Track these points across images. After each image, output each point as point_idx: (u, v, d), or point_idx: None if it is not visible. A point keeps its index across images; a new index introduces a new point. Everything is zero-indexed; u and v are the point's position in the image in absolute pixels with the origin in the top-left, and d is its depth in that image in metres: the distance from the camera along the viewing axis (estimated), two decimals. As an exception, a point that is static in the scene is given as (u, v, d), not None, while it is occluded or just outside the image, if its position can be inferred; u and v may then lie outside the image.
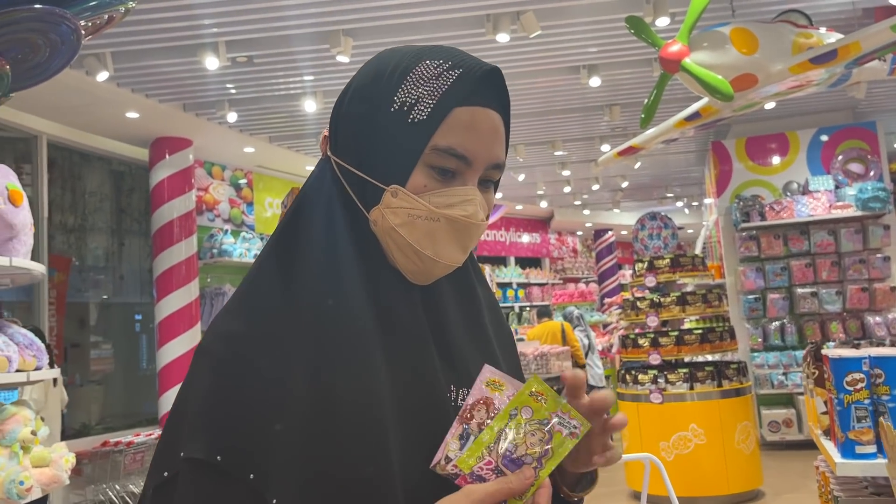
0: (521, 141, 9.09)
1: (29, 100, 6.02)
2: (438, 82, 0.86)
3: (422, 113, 0.85)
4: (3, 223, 2.50)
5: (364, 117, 0.88)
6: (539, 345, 7.97)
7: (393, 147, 0.86)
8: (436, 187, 0.87)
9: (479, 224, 0.89)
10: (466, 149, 0.87)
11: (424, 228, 0.86)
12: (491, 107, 0.89)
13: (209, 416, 0.79)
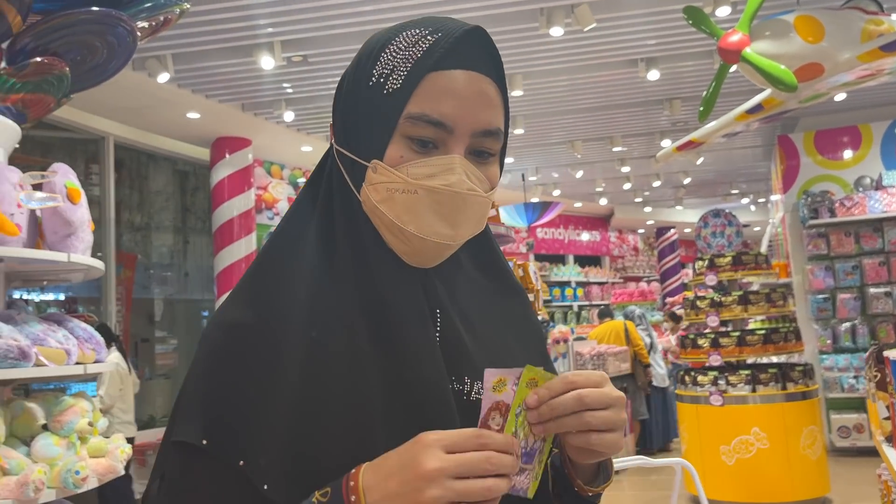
0: (578, 136, 8.96)
1: (96, 102, 6.23)
2: (413, 50, 0.81)
3: (396, 82, 0.81)
4: (62, 220, 2.57)
5: (350, 95, 0.86)
6: (596, 344, 7.84)
7: (371, 121, 0.83)
8: (414, 158, 0.81)
9: (463, 194, 0.81)
10: (442, 114, 0.80)
11: (404, 202, 0.81)
12: (473, 69, 0.82)
13: (199, 402, 0.78)
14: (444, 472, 0.68)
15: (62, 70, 2.74)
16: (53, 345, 2.50)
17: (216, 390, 0.78)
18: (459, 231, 0.83)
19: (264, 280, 0.84)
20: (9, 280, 2.79)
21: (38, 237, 2.63)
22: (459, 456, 0.69)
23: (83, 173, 7.91)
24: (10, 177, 2.51)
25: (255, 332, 0.80)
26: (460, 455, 0.69)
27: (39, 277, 3.04)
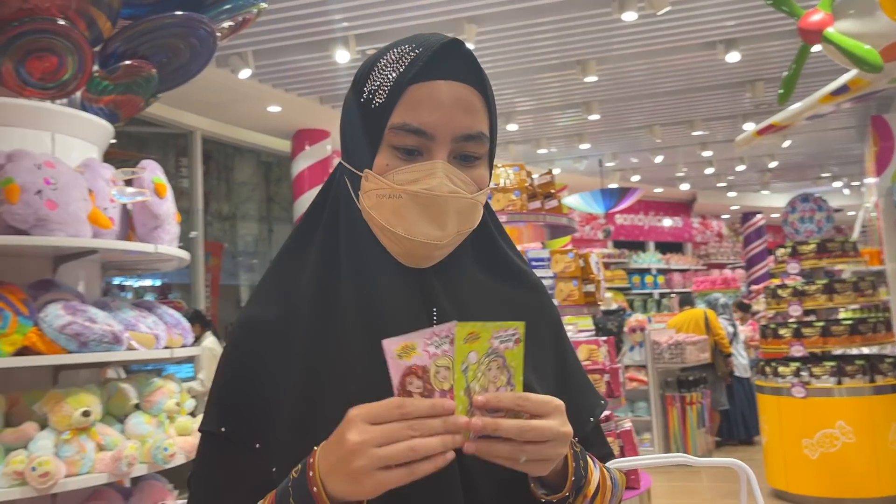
0: (657, 121, 8.78)
1: (184, 98, 6.53)
2: (397, 66, 0.87)
3: (381, 97, 0.87)
4: (149, 213, 2.74)
5: (345, 114, 0.93)
6: (674, 333, 7.70)
7: (362, 135, 0.89)
8: (399, 165, 0.87)
9: (444, 196, 0.86)
10: (422, 122, 0.85)
11: (391, 207, 0.87)
12: (452, 78, 0.87)
13: (220, 393, 0.89)
14: (368, 444, 0.72)
15: (150, 72, 2.91)
16: (144, 330, 2.67)
17: (233, 382, 0.88)
18: (447, 231, 0.88)
19: (276, 282, 0.93)
20: (104, 269, 3.00)
21: (129, 229, 2.81)
22: (382, 427, 0.72)
23: (174, 166, 8.31)
24: (103, 173, 2.69)
25: (266, 327, 0.89)
26: (383, 426, 0.73)
27: (132, 267, 3.25)
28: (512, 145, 9.78)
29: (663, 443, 7.37)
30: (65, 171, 2.45)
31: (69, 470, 2.25)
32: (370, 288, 0.89)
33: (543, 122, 9.09)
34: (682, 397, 7.31)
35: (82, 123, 2.81)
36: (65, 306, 2.38)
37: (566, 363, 1.02)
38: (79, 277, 2.77)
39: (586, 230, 14.79)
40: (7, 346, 2.22)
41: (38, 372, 2.50)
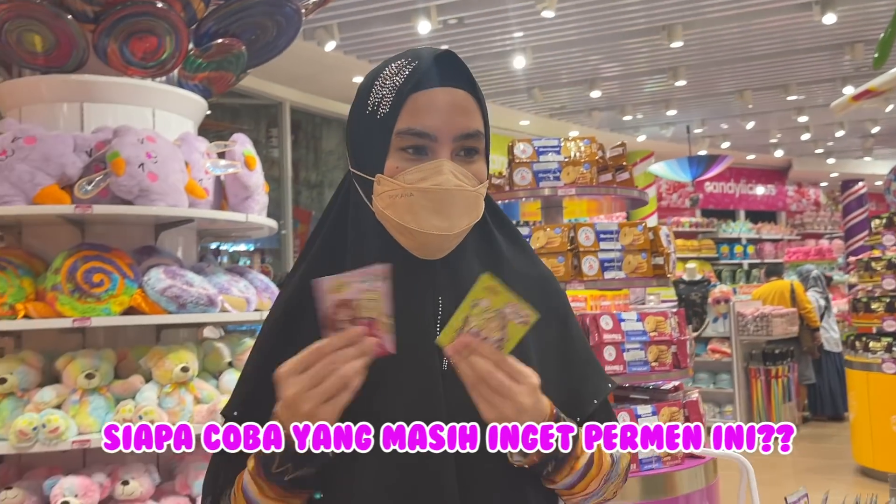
0: (748, 86, 8.47)
1: (273, 71, 6.75)
2: (397, 78, 0.96)
3: (384, 108, 0.96)
4: (240, 185, 2.91)
5: (352, 126, 1.03)
6: (761, 305, 7.52)
7: (370, 143, 0.98)
8: (408, 167, 0.96)
9: (451, 190, 0.95)
10: (425, 125, 0.95)
11: (404, 205, 0.96)
12: (447, 84, 0.97)
13: (241, 382, 1.05)
14: (303, 391, 0.85)
15: (240, 49, 3.07)
16: (236, 293, 2.86)
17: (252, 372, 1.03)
18: (454, 222, 0.96)
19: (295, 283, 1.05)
20: (200, 236, 3.21)
21: (222, 199, 3.00)
22: (308, 372, 0.85)
23: (264, 136, 8.62)
24: (198, 146, 2.88)
25: (287, 326, 1.02)
26: (309, 371, 0.85)
27: (225, 234, 3.46)
28: (596, 112, 9.64)
29: (746, 415, 7.25)
30: (164, 145, 2.64)
31: (170, 419, 2.47)
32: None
33: (629, 89, 8.91)
34: (766, 370, 7.15)
35: (179, 99, 3.00)
36: (165, 271, 2.58)
37: (570, 348, 1.08)
38: (177, 244, 2.98)
39: (673, 198, 14.45)
40: (116, 306, 2.44)
41: (143, 330, 2.73)
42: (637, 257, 2.71)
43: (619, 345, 2.59)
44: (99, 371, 2.43)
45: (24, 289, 2.43)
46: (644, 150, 12.46)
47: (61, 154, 2.50)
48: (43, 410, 2.34)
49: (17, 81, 2.82)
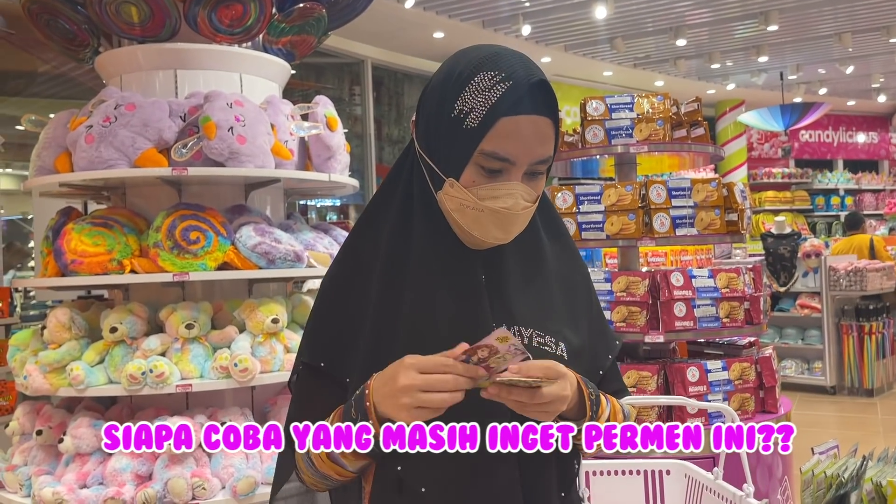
0: (847, 28, 8.00)
1: (354, 29, 6.84)
2: (490, 94, 1.01)
3: (474, 121, 1.02)
4: (323, 145, 3.03)
5: (433, 116, 1.08)
6: (855, 259, 7.22)
7: (451, 147, 1.05)
8: (483, 182, 1.04)
9: (517, 214, 1.05)
10: (509, 152, 1.02)
11: (472, 216, 1.05)
12: (536, 112, 1.02)
13: (316, 332, 1.14)
14: (413, 387, 0.95)
15: (321, 13, 3.16)
16: (321, 249, 3.00)
17: (326, 324, 1.13)
18: (511, 235, 1.09)
19: (356, 245, 1.15)
20: (287, 195, 3.37)
21: (306, 160, 3.13)
22: (427, 376, 0.95)
23: (347, 94, 8.77)
24: (283, 109, 3.00)
25: (347, 283, 1.13)
26: (428, 376, 0.95)
27: (311, 192, 3.61)
28: (682, 60, 9.33)
29: (837, 372, 7.05)
30: (251, 109, 2.78)
31: (263, 367, 2.65)
32: (434, 254, 1.09)
33: (717, 35, 8.56)
34: (860, 326, 6.91)
35: (264, 63, 3.12)
36: (255, 228, 2.73)
37: (591, 313, 1.23)
38: (266, 202, 3.14)
39: (765, 148, 13.88)
40: (211, 261, 2.62)
41: (236, 284, 2.91)
42: (710, 213, 2.68)
43: (689, 301, 2.59)
44: (198, 322, 2.63)
45: (129, 246, 2.64)
46: (734, 99, 11.98)
47: (159, 119, 2.67)
48: (149, 357, 2.55)
49: (117, 51, 3.00)
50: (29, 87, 7.25)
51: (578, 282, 1.22)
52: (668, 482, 1.81)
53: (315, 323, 1.16)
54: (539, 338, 1.11)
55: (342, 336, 1.11)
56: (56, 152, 2.82)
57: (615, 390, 1.24)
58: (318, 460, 1.07)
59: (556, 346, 1.11)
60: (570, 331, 1.15)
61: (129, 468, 2.49)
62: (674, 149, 2.90)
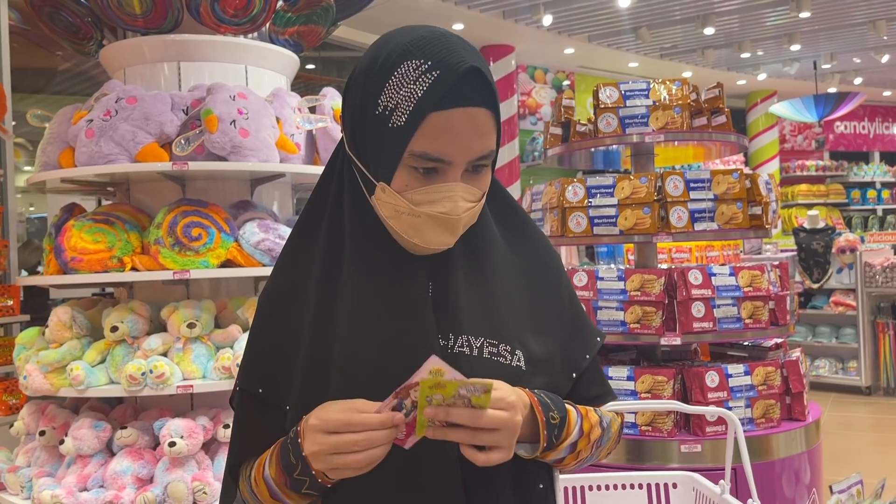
0: (882, 15, 7.72)
1: (372, 22, 6.74)
2: (416, 87, 0.88)
3: (399, 119, 0.90)
4: (330, 139, 2.95)
5: (357, 114, 0.95)
6: (892, 255, 6.97)
7: (378, 148, 0.93)
8: (417, 185, 0.92)
9: (460, 217, 0.93)
10: (442, 152, 0.90)
11: (409, 222, 0.94)
12: (470, 104, 0.90)
13: (253, 356, 1.05)
14: (322, 453, 0.88)
15: (328, 2, 3.07)
16: (329, 246, 2.93)
17: (263, 347, 1.04)
18: (456, 237, 0.97)
19: (290, 258, 1.05)
20: (296, 190, 3.29)
21: (314, 154, 3.05)
22: (333, 440, 0.87)
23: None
24: (290, 102, 2.92)
25: (282, 301, 1.03)
26: (334, 439, 0.87)
27: (321, 187, 3.52)
28: (710, 50, 9.09)
29: (872, 372, 6.82)
30: (255, 101, 2.70)
31: (267, 367, 2.57)
32: (370, 265, 0.98)
33: (747, 23, 8.33)
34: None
35: (271, 55, 3.05)
36: (259, 224, 2.66)
37: (563, 308, 1.09)
38: (273, 198, 3.06)
39: (798, 140, 13.53)
40: (213, 259, 2.54)
41: (242, 282, 2.84)
42: (731, 207, 2.52)
43: (708, 300, 2.45)
44: (200, 321, 2.56)
45: (130, 243, 2.58)
46: (766, 90, 11.69)
47: (160, 113, 2.60)
48: (150, 357, 2.49)
49: (121, 43, 2.94)
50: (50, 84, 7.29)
51: (546, 276, 1.08)
52: (674, 497, 1.67)
53: (251, 346, 1.06)
54: (491, 347, 0.98)
55: (279, 359, 1.01)
56: (60, 147, 2.77)
57: (595, 395, 1.10)
58: (261, 495, 1.00)
59: (512, 355, 0.99)
60: (531, 335, 1.02)
61: (130, 471, 2.43)
62: (693, 138, 2.75)
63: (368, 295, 0.97)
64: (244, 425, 1.06)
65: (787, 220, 11.53)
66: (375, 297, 0.97)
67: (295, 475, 0.93)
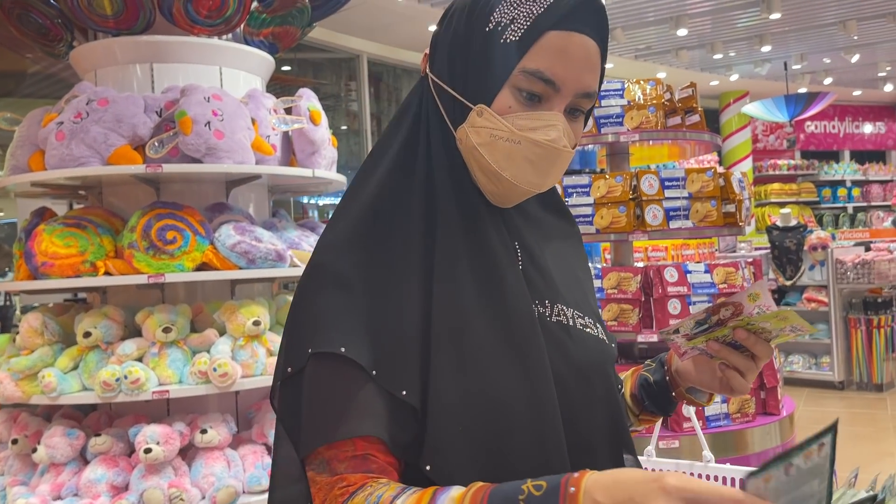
0: (851, 15, 7.85)
1: (349, 23, 6.74)
2: (535, 4, 0.83)
3: (514, 34, 0.84)
4: (306, 140, 2.93)
5: (461, 35, 0.87)
6: (863, 252, 7.08)
7: (484, 67, 0.85)
8: (520, 110, 0.85)
9: (560, 150, 0.86)
10: (555, 73, 0.84)
11: (505, 150, 0.85)
12: (586, 33, 0.85)
13: (331, 317, 0.83)
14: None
15: (303, 3, 3.05)
16: (306, 248, 2.90)
17: (343, 305, 0.83)
18: (548, 181, 0.89)
19: (355, 209, 0.89)
20: (271, 192, 3.26)
21: (291, 155, 3.03)
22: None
23: (344, 90, 8.67)
24: (265, 103, 2.90)
25: (366, 252, 0.86)
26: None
27: (298, 189, 3.50)
28: (683, 51, 9.19)
29: (845, 367, 6.92)
30: (230, 103, 2.67)
31: (244, 371, 2.55)
32: (473, 230, 0.88)
33: (719, 25, 8.42)
34: (868, 320, 6.78)
35: (245, 56, 3.02)
36: (235, 227, 2.63)
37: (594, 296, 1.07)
38: (249, 200, 3.04)
39: (770, 140, 13.72)
40: (188, 262, 2.51)
41: (218, 285, 2.81)
42: (706, 205, 2.56)
43: (684, 297, 2.48)
44: (175, 325, 2.53)
45: (103, 247, 2.54)
46: (738, 90, 11.83)
47: (133, 115, 2.57)
48: (125, 363, 2.45)
49: (92, 45, 2.90)
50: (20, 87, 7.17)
51: (581, 255, 1.06)
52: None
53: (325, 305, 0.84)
54: (580, 318, 0.93)
55: (386, 337, 0.83)
56: (30, 151, 2.72)
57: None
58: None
59: (595, 327, 0.96)
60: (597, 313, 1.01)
61: (105, 479, 2.39)
62: (667, 137, 2.78)
63: (464, 257, 0.86)
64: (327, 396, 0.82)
65: (761, 219, 11.68)
66: (473, 258, 0.87)
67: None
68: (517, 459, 0.82)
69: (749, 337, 0.92)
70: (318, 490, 0.80)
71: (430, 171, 0.89)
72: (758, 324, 0.92)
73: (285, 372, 0.86)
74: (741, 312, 0.90)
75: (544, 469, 0.78)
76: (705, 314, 0.91)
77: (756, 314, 0.90)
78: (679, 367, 1.05)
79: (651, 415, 1.13)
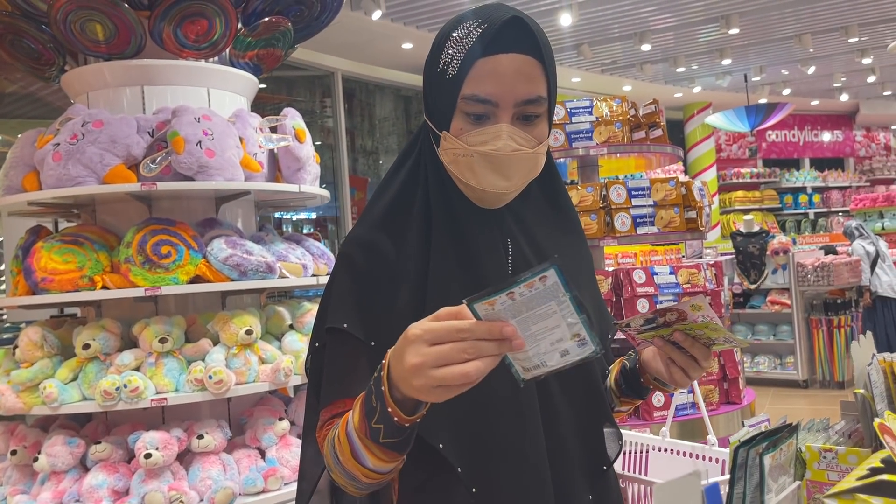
0: (806, 29, 8.18)
1: (323, 42, 6.88)
2: (466, 41, 1.01)
3: (454, 69, 1.02)
4: (292, 157, 3.06)
5: (426, 77, 1.09)
6: (823, 255, 7.37)
7: (440, 100, 1.05)
8: (471, 129, 1.03)
9: (509, 155, 1.02)
10: (489, 93, 1.00)
11: (466, 164, 1.04)
12: (515, 51, 1.00)
13: (341, 297, 1.08)
14: (425, 366, 0.77)
15: (286, 26, 3.20)
16: (293, 260, 3.02)
17: (352, 289, 1.07)
18: (513, 182, 1.05)
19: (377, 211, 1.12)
20: (258, 207, 3.38)
21: (276, 172, 3.15)
22: (438, 349, 0.77)
23: (319, 106, 8.79)
24: (252, 122, 3.02)
25: (377, 247, 1.08)
26: (439, 348, 0.77)
27: (283, 204, 3.63)
28: (648, 65, 9.47)
29: (808, 367, 7.18)
30: (219, 122, 2.80)
31: (238, 379, 2.66)
32: (457, 226, 1.08)
33: (681, 40, 8.72)
34: (828, 321, 7.05)
35: (232, 78, 3.15)
36: (227, 241, 2.75)
37: (595, 294, 1.25)
38: (237, 215, 3.15)
39: (733, 149, 14.10)
40: (183, 275, 2.63)
41: (210, 297, 2.92)
42: (669, 212, 2.76)
43: (651, 297, 2.66)
44: (171, 336, 2.64)
45: (100, 262, 2.64)
46: (701, 102, 12.17)
47: (126, 135, 2.68)
48: (123, 372, 2.56)
49: (83, 69, 3.01)
50: (-4, 107, 7.18)
51: (584, 256, 1.23)
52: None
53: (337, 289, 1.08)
54: None
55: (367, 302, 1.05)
56: (24, 171, 2.81)
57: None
58: (342, 456, 0.94)
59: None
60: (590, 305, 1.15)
61: (106, 484, 2.49)
62: (633, 150, 2.98)
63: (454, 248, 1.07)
64: (334, 364, 1.07)
65: (726, 226, 12.00)
66: (462, 250, 1.07)
67: (373, 423, 0.86)
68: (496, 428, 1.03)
69: (686, 339, 1.05)
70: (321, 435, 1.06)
71: (427, 185, 1.11)
72: (694, 330, 1.04)
73: (313, 346, 1.12)
74: (685, 318, 1.02)
75: (521, 438, 1.03)
76: (654, 315, 1.02)
77: (700, 321, 1.02)
78: (643, 357, 1.22)
79: (629, 398, 1.29)
